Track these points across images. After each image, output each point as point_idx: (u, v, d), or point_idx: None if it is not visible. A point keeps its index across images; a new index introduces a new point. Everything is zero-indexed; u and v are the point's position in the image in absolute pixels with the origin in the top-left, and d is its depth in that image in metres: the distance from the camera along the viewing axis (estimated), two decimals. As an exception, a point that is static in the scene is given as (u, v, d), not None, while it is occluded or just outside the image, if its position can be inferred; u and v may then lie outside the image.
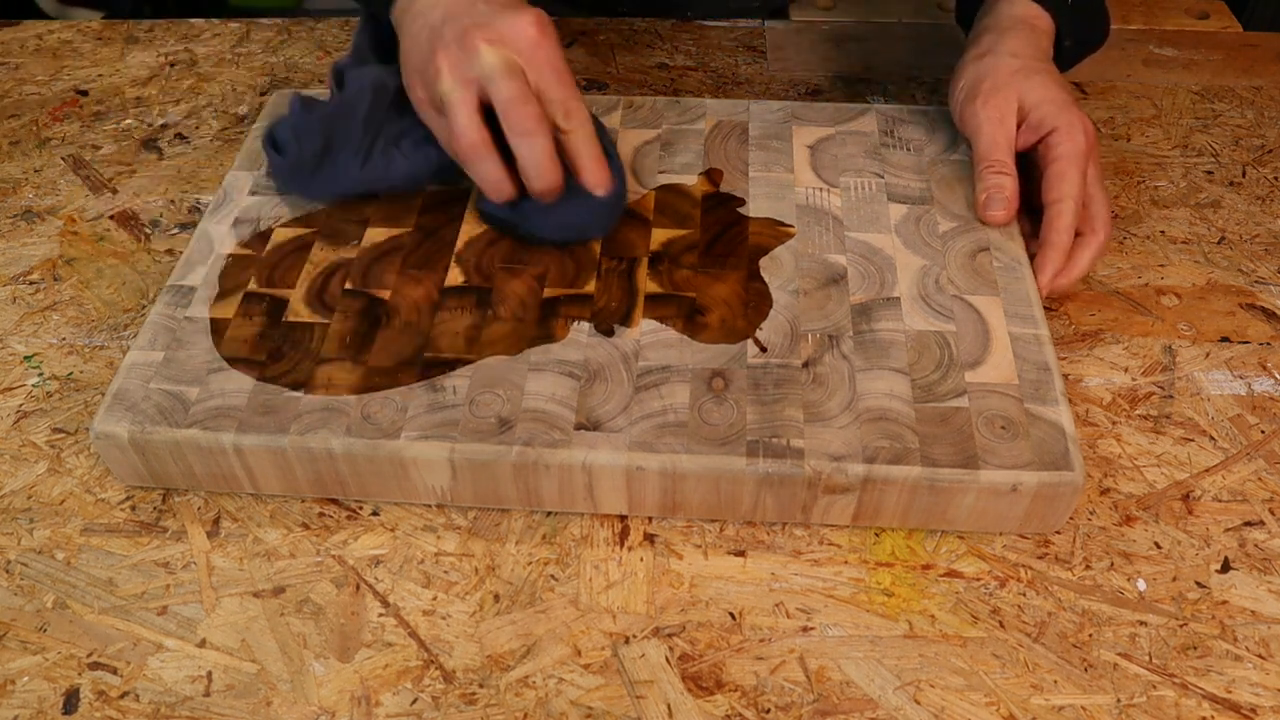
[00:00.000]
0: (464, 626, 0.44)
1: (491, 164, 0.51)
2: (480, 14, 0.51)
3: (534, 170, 0.51)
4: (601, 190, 0.52)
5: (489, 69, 0.50)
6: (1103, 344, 0.55)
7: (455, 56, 0.50)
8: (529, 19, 0.51)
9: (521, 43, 0.50)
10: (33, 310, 0.58)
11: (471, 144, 0.51)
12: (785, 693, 0.42)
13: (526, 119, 0.50)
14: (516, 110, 0.49)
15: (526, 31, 0.50)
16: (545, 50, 0.51)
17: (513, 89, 0.49)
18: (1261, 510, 0.48)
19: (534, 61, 0.50)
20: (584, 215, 0.53)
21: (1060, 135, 0.54)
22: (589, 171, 0.52)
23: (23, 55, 0.77)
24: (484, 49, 0.50)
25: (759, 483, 0.45)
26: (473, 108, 0.50)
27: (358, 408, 0.47)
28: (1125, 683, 0.42)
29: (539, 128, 0.50)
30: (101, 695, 0.43)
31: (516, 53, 0.50)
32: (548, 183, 0.51)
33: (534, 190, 0.51)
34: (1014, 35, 0.58)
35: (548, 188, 0.51)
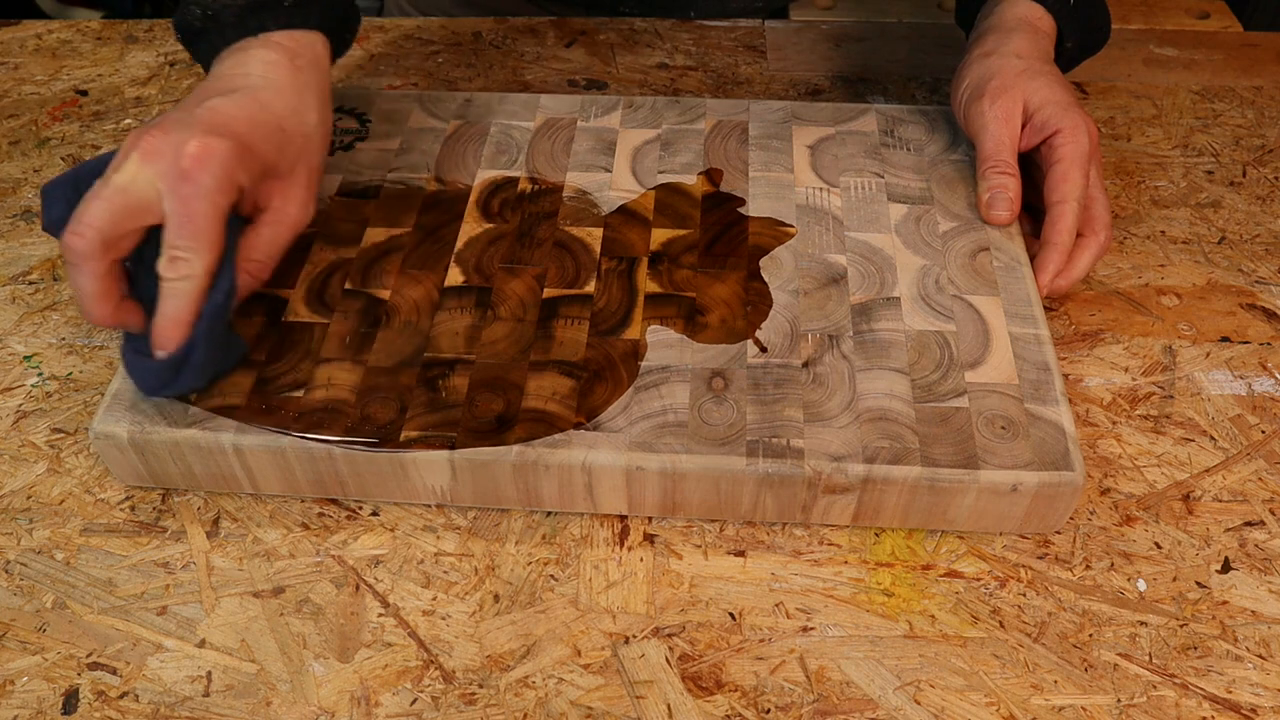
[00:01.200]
0: (464, 626, 0.44)
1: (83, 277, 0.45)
2: (184, 117, 0.47)
3: (77, 300, 0.46)
4: (160, 352, 0.45)
5: (113, 181, 0.45)
6: (1103, 344, 0.55)
7: (125, 148, 0.46)
8: (194, 146, 0.45)
9: (172, 166, 0.45)
10: (32, 310, 0.58)
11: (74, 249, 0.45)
12: (785, 693, 0.42)
13: (70, 250, 0.44)
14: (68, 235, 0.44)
15: (183, 158, 0.45)
16: (188, 186, 0.45)
17: (85, 214, 0.44)
18: (1262, 510, 0.48)
19: (173, 193, 0.45)
20: (134, 362, 0.47)
21: (1064, 136, 0.54)
22: (156, 329, 0.45)
23: (22, 55, 0.77)
24: (133, 160, 0.45)
25: (759, 483, 0.45)
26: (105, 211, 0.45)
27: (358, 408, 0.47)
28: (1125, 683, 0.42)
29: (81, 260, 0.44)
30: (101, 695, 0.42)
31: (162, 175, 0.45)
32: (92, 318, 0.46)
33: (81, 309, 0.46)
34: (1018, 36, 0.58)
35: (91, 319, 0.46)
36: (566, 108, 0.63)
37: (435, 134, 0.62)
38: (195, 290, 0.45)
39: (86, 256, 0.44)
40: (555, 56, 0.76)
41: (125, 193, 0.45)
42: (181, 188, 0.45)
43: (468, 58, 0.76)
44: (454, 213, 0.56)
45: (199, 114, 0.47)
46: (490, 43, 0.77)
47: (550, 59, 0.76)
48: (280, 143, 0.49)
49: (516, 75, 0.74)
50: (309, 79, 0.52)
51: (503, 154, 0.60)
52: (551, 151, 0.60)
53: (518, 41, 0.77)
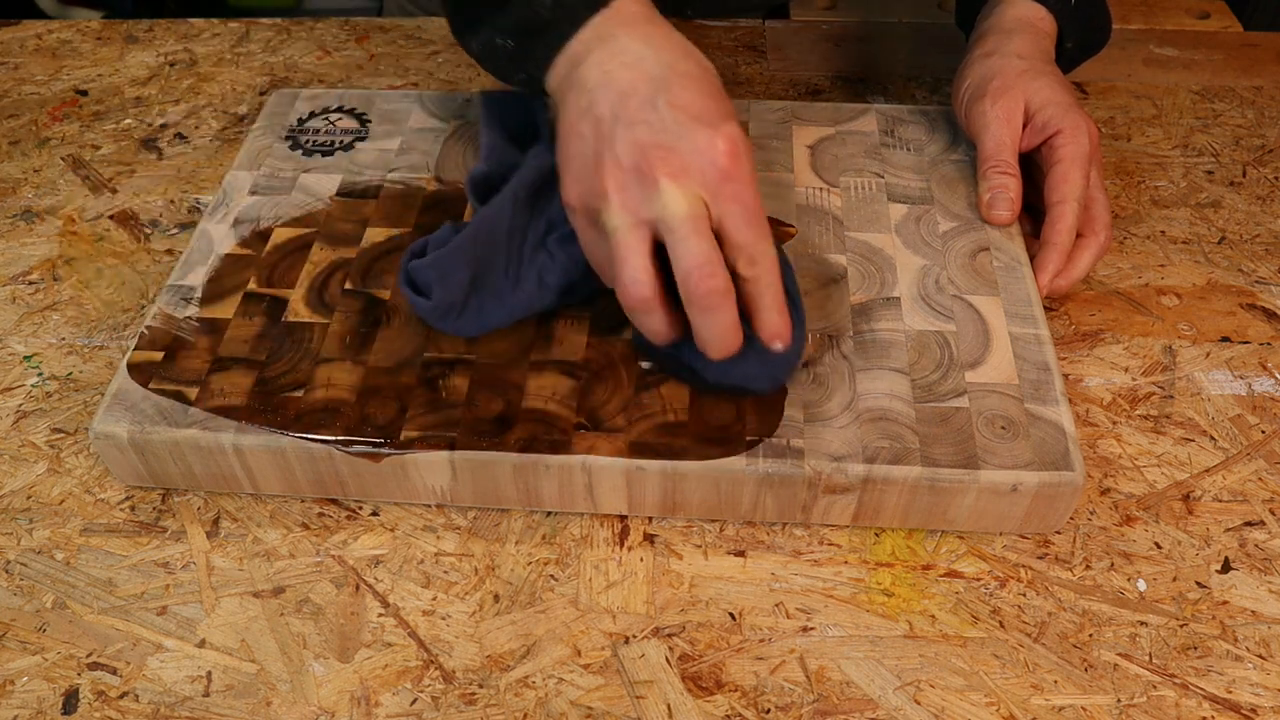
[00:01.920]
0: (464, 626, 0.44)
1: (659, 317, 0.44)
2: (662, 125, 0.43)
3: (712, 343, 0.44)
4: (778, 344, 0.45)
5: (670, 216, 0.42)
6: (1103, 344, 0.55)
7: (628, 183, 0.43)
8: (721, 145, 0.43)
9: (710, 174, 0.42)
10: (32, 310, 0.58)
11: (642, 299, 0.43)
12: (785, 693, 0.42)
13: (711, 294, 0.42)
14: (701, 282, 0.42)
15: (716, 161, 0.42)
16: (735, 184, 0.43)
17: (698, 253, 0.42)
18: (1262, 510, 0.48)
19: (721, 197, 0.43)
20: (754, 368, 0.46)
21: (1065, 137, 0.54)
22: (766, 325, 0.44)
23: (22, 55, 0.77)
24: (665, 186, 0.42)
25: (759, 483, 0.45)
26: (645, 254, 0.43)
27: (358, 408, 0.47)
28: (1125, 683, 0.42)
29: (723, 302, 0.43)
30: (101, 695, 0.42)
31: (702, 185, 0.42)
32: (726, 352, 0.44)
33: (708, 356, 0.44)
34: (1019, 36, 0.58)
35: (725, 355, 0.44)
36: (566, 108, 0.63)
37: (435, 134, 0.62)
38: (778, 275, 0.44)
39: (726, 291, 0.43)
40: (555, 56, 0.76)
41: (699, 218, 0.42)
42: (728, 188, 0.43)
43: (468, 58, 0.76)
44: (454, 213, 0.56)
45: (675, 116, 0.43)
46: (490, 43, 0.77)
47: (550, 59, 0.76)
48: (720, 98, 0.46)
49: (516, 75, 0.74)
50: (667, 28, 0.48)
51: (503, 154, 0.60)
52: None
53: (518, 41, 0.77)
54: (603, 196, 0.43)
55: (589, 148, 0.44)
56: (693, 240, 0.42)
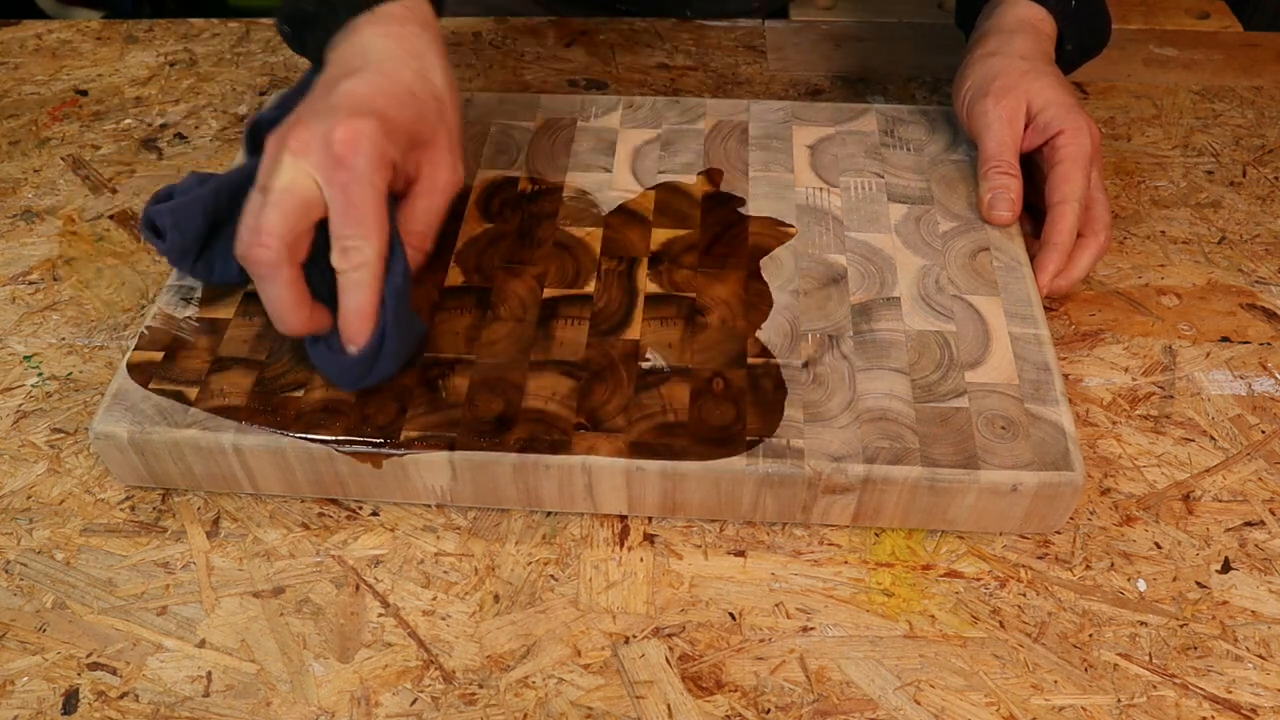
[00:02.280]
0: (464, 627, 0.44)
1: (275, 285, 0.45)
2: (320, 108, 0.46)
3: (270, 313, 0.46)
4: (351, 347, 0.45)
5: (272, 185, 0.44)
6: (1103, 344, 0.55)
7: (271, 152, 0.45)
8: (342, 132, 0.44)
9: (324, 158, 0.44)
10: (32, 310, 0.58)
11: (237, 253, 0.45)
12: (785, 693, 0.42)
13: (257, 263, 0.44)
14: (250, 247, 0.44)
15: (331, 147, 0.44)
16: (344, 174, 0.44)
17: (265, 220, 0.43)
18: (1262, 510, 0.48)
19: (328, 183, 0.44)
20: (328, 361, 0.47)
21: (1067, 137, 0.54)
22: (341, 325, 0.45)
23: (22, 55, 0.77)
24: (284, 159, 0.44)
25: (759, 483, 0.45)
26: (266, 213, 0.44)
27: (358, 408, 0.47)
28: (1125, 683, 0.42)
29: (273, 274, 0.44)
30: (101, 695, 0.42)
31: (317, 167, 0.44)
32: (286, 327, 0.46)
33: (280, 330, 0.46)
34: (1020, 37, 0.59)
35: (287, 330, 0.46)
36: (566, 108, 0.63)
37: (435, 134, 0.62)
38: (374, 277, 0.45)
39: (276, 265, 0.44)
40: (555, 56, 0.76)
41: (290, 193, 0.44)
42: (338, 175, 0.44)
43: (468, 58, 0.76)
44: (454, 213, 0.56)
45: (334, 101, 0.46)
46: (490, 43, 0.77)
47: (550, 59, 0.76)
48: (416, 110, 0.48)
49: (516, 75, 0.74)
50: (424, 42, 0.50)
51: (503, 154, 0.60)
52: (551, 151, 0.60)
53: (518, 41, 0.77)
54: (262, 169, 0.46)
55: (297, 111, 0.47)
56: (269, 209, 0.44)
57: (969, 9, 0.65)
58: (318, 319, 0.46)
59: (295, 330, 0.46)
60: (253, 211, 0.44)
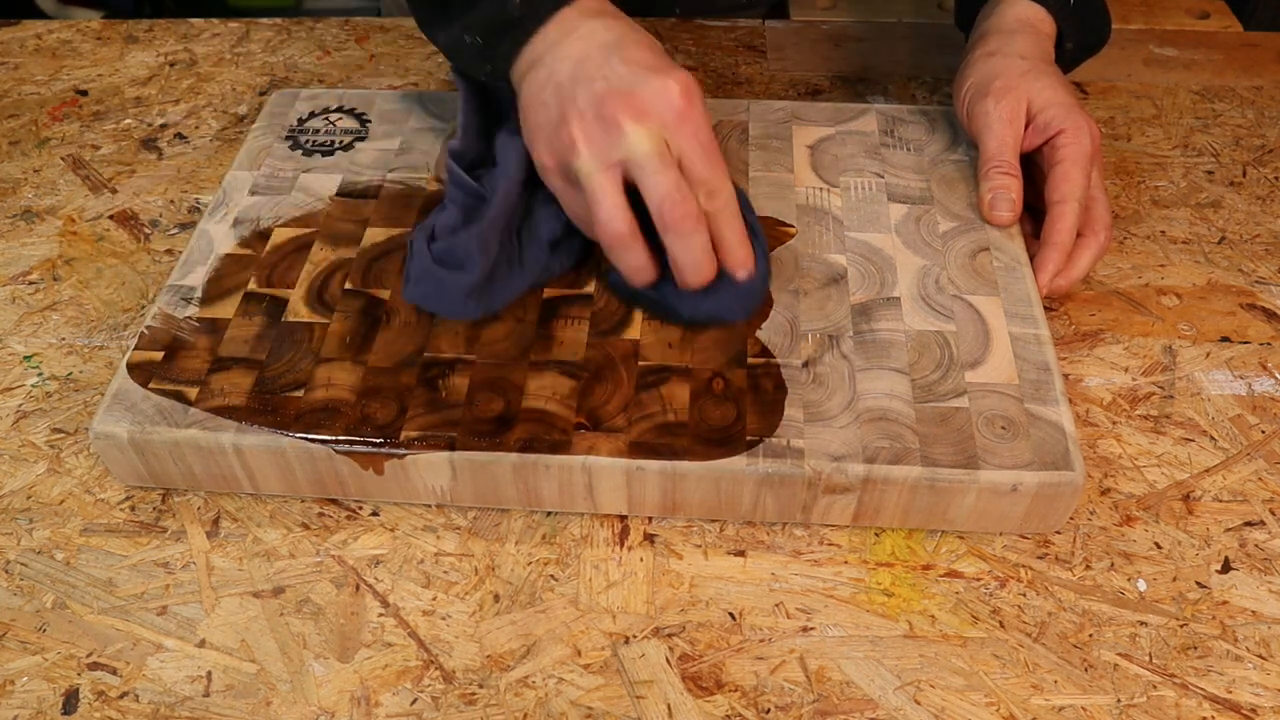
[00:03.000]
0: (464, 626, 0.44)
1: (637, 252, 0.47)
2: (619, 76, 0.46)
3: (689, 268, 0.47)
4: (743, 273, 0.48)
5: (637, 154, 0.45)
6: (1103, 344, 0.55)
7: (593, 131, 0.46)
8: (675, 87, 0.46)
9: (668, 115, 0.46)
10: (32, 310, 0.58)
11: (619, 234, 0.46)
12: (785, 693, 0.42)
13: (685, 218, 0.45)
14: (674, 208, 0.45)
15: (673, 102, 0.46)
16: (692, 123, 0.46)
17: (667, 183, 0.45)
18: (1262, 510, 0.48)
19: (679, 135, 0.46)
20: (724, 300, 0.49)
21: (1067, 137, 0.54)
22: (732, 255, 0.48)
23: (22, 55, 0.77)
24: (629, 128, 0.45)
25: (759, 483, 0.45)
26: (618, 193, 0.46)
27: (358, 408, 0.47)
28: (1125, 683, 0.42)
29: (697, 226, 0.46)
30: (101, 695, 0.42)
31: (661, 126, 0.45)
32: (702, 278, 0.47)
33: (685, 284, 0.47)
34: (1020, 37, 0.59)
35: (701, 282, 0.47)
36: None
37: (435, 134, 0.62)
38: (737, 208, 0.48)
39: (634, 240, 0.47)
40: (555, 56, 0.76)
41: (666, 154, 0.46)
42: (687, 127, 0.46)
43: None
44: (454, 213, 0.56)
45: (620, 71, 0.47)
46: (490, 43, 0.77)
47: (550, 59, 0.76)
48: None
49: (516, 75, 0.74)
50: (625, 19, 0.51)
51: (503, 154, 0.60)
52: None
53: (518, 41, 0.77)
54: (571, 149, 0.46)
55: (553, 112, 0.48)
56: (661, 173, 0.45)
57: (968, 9, 0.65)
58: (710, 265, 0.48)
59: (708, 277, 0.47)
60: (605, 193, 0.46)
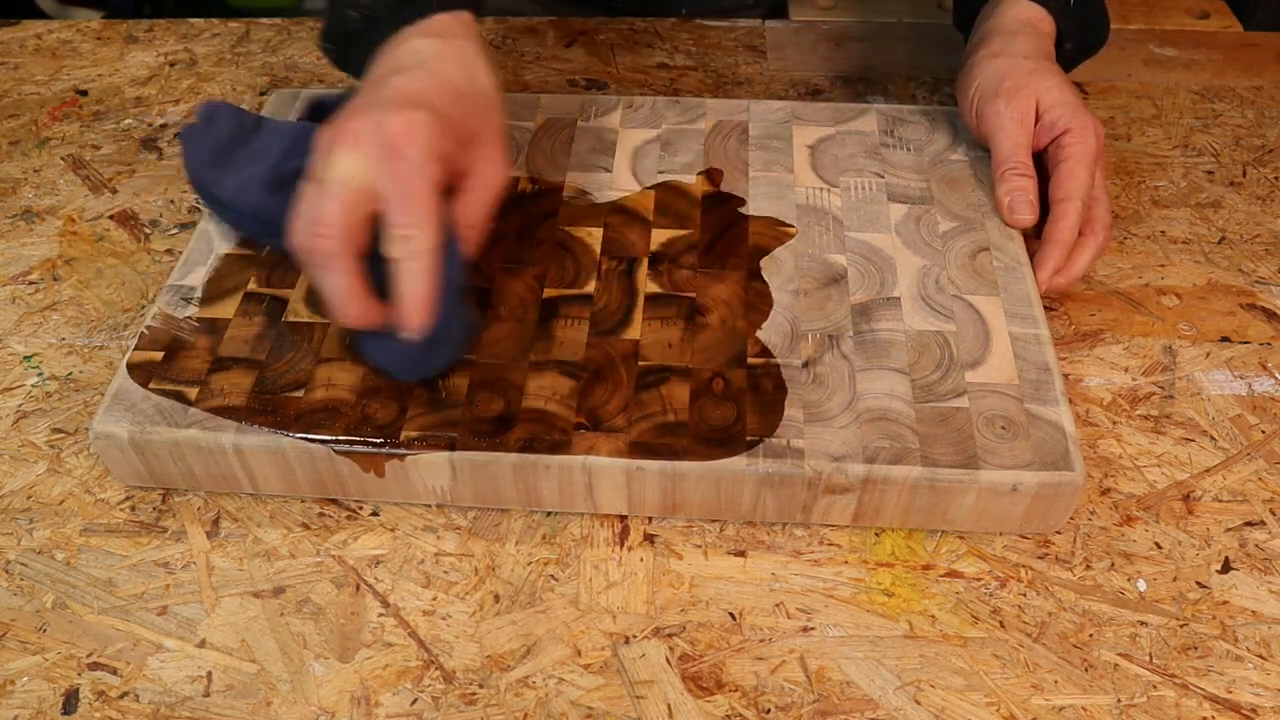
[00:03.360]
0: (464, 626, 0.44)
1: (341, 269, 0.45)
2: (372, 102, 0.46)
3: (331, 305, 0.45)
4: (409, 333, 0.45)
5: (328, 177, 0.44)
6: (1103, 344, 0.55)
7: (326, 147, 0.45)
8: (398, 124, 0.44)
9: (379, 149, 0.44)
10: (32, 310, 0.58)
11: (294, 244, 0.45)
12: (785, 693, 0.42)
13: (317, 253, 0.44)
14: (310, 238, 0.44)
15: (388, 139, 0.44)
16: (398, 165, 0.44)
17: (325, 211, 0.44)
18: (1262, 510, 0.48)
19: (384, 174, 0.44)
20: (393, 353, 0.47)
21: (1073, 136, 0.55)
22: (400, 312, 0.45)
23: (22, 55, 0.77)
24: (339, 152, 0.44)
25: (759, 483, 0.45)
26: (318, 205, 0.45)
27: (358, 408, 0.47)
28: (1126, 683, 0.42)
29: (332, 264, 0.44)
30: (101, 695, 0.42)
31: (372, 157, 0.44)
32: (347, 318, 0.45)
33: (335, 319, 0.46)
34: (1022, 37, 0.59)
35: (348, 321, 0.46)
36: (566, 108, 0.63)
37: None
38: (430, 266, 0.45)
39: (336, 255, 0.44)
40: (555, 56, 0.76)
41: (347, 185, 0.44)
42: (393, 165, 0.44)
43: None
44: (454, 213, 0.56)
45: (385, 95, 0.46)
46: (490, 43, 0.77)
47: (550, 59, 0.76)
48: (465, 108, 0.48)
49: (516, 75, 0.74)
50: (468, 45, 0.51)
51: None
52: (551, 151, 0.60)
53: (518, 41, 0.77)
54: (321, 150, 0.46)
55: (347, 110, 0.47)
56: (327, 200, 0.44)
57: (967, 9, 0.65)
58: (374, 311, 0.46)
59: (353, 320, 0.46)
60: (310, 202, 0.45)
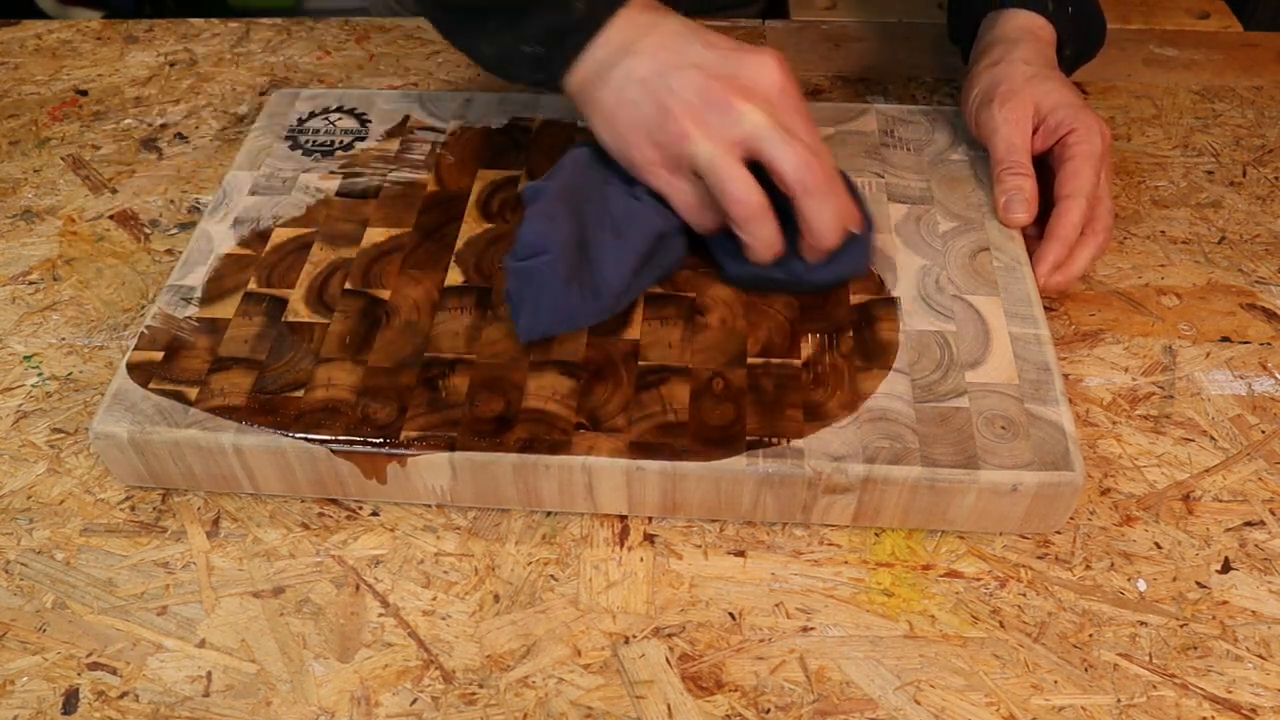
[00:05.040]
0: (464, 626, 0.44)
1: (770, 225, 0.48)
2: (711, 61, 0.48)
3: (827, 230, 0.48)
4: (858, 227, 0.50)
5: (759, 129, 0.46)
6: (1103, 344, 0.55)
7: (704, 115, 0.47)
8: (773, 64, 0.48)
9: (772, 90, 0.47)
10: (32, 310, 0.58)
11: (757, 207, 0.47)
12: (785, 693, 0.42)
13: (824, 181, 0.47)
14: (813, 173, 0.47)
15: (774, 78, 0.47)
16: (791, 95, 0.48)
17: (798, 151, 0.46)
18: (1262, 510, 0.48)
19: (783, 108, 0.47)
20: (852, 256, 0.51)
21: (1079, 135, 0.55)
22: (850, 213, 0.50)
23: (22, 55, 0.77)
24: (742, 107, 0.46)
25: (759, 483, 0.45)
26: (745, 170, 0.47)
27: (358, 408, 0.47)
28: (1125, 683, 0.42)
29: (833, 187, 0.48)
30: (101, 695, 0.42)
31: (766, 101, 0.47)
32: (840, 235, 0.48)
33: (824, 247, 0.49)
34: (1023, 45, 0.59)
35: (839, 240, 0.49)
36: (567, 108, 0.63)
37: (435, 134, 0.62)
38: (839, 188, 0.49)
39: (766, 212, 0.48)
40: (555, 56, 0.76)
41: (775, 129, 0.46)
42: (787, 100, 0.48)
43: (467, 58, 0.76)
44: (454, 213, 0.56)
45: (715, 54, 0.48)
46: (490, 43, 0.77)
47: (550, 59, 0.76)
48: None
49: (516, 75, 0.74)
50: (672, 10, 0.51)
51: (503, 154, 0.60)
52: (551, 151, 0.60)
53: (518, 41, 0.77)
54: (684, 137, 0.47)
55: (648, 107, 0.48)
56: (788, 144, 0.46)
57: (962, 21, 0.66)
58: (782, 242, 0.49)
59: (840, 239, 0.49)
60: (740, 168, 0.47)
